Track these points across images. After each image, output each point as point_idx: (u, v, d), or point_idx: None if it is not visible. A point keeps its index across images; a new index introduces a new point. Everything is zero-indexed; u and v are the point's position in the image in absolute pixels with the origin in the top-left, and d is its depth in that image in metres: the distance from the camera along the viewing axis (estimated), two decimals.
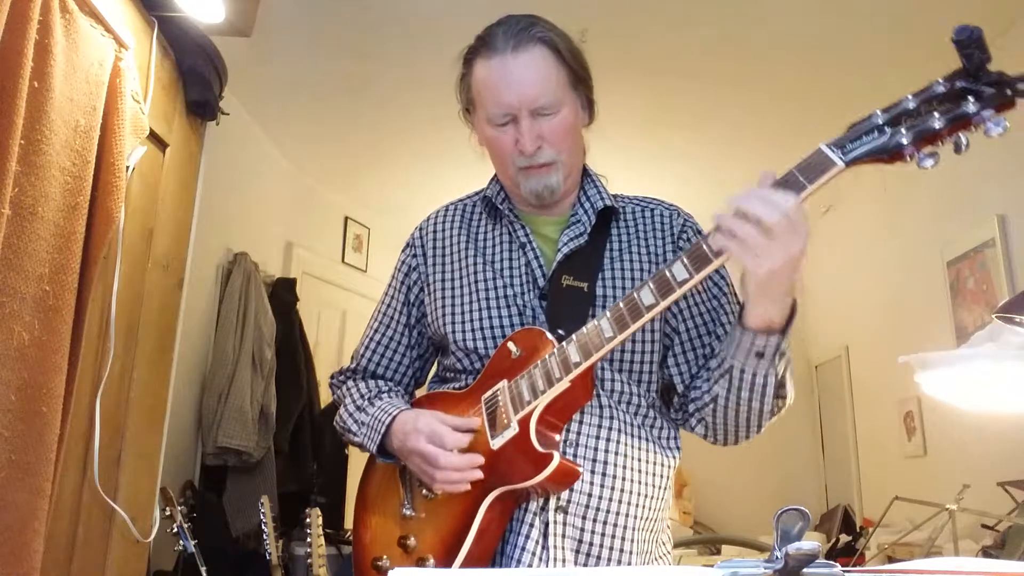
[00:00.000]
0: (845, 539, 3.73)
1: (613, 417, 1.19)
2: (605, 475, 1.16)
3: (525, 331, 1.19)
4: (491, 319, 1.25)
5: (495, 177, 1.36)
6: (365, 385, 1.37)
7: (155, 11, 1.89)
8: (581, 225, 1.28)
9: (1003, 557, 2.31)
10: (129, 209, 1.75)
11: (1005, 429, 2.51)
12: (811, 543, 0.54)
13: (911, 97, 0.93)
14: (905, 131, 0.92)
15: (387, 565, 1.21)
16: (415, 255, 1.39)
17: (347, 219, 4.62)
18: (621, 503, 1.17)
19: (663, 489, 1.23)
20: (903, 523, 2.93)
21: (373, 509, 1.30)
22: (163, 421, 2.00)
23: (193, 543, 2.21)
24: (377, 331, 1.41)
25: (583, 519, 1.15)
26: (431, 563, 1.15)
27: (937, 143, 0.92)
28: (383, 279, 1.45)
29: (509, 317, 1.24)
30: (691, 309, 1.26)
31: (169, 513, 2.19)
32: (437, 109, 1.62)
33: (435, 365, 1.44)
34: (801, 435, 4.79)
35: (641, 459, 1.21)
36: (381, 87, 3.37)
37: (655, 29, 2.94)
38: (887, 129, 0.94)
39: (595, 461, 1.17)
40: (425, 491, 1.21)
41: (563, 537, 1.14)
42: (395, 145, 3.89)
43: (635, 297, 1.06)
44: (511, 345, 1.19)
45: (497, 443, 1.13)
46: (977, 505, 2.39)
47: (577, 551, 1.15)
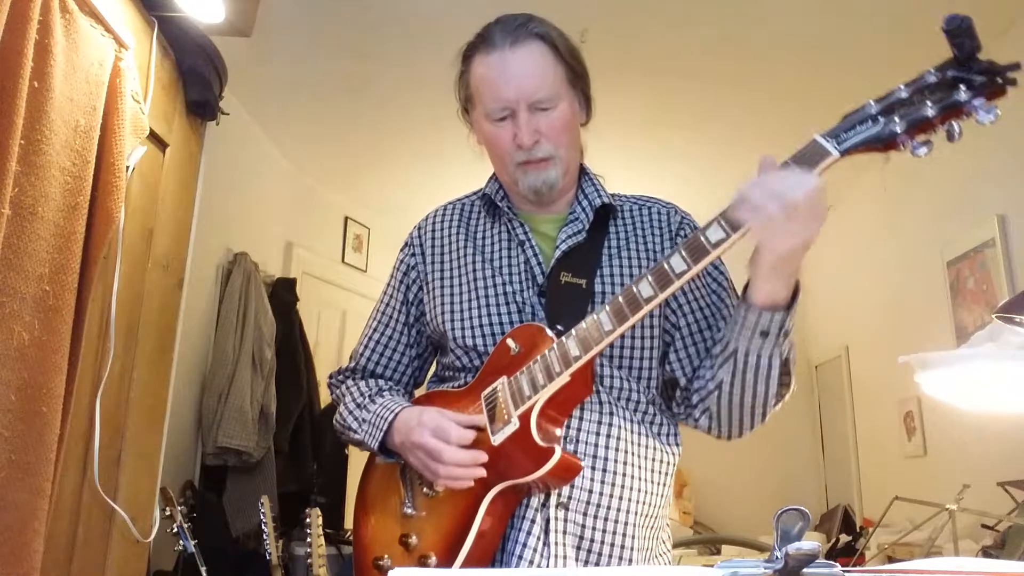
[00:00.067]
0: (845, 539, 3.73)
1: (613, 414, 1.20)
2: (606, 471, 1.17)
3: (524, 327, 1.19)
4: (490, 316, 1.25)
5: (494, 176, 1.36)
6: (365, 384, 1.37)
7: (155, 11, 1.89)
8: (579, 223, 1.29)
9: (1003, 557, 2.31)
10: (129, 209, 1.75)
11: (1005, 429, 2.51)
12: (811, 543, 0.54)
13: (903, 87, 0.95)
14: (899, 120, 0.94)
15: (388, 564, 1.21)
16: (413, 254, 1.39)
17: (347, 219, 4.62)
18: (622, 499, 1.17)
19: (664, 486, 1.24)
20: (903, 523, 2.93)
21: (373, 509, 1.30)
22: (163, 421, 2.00)
23: (193, 543, 2.21)
24: (376, 330, 1.41)
25: (584, 515, 1.15)
26: (433, 561, 1.15)
27: (930, 131, 0.93)
28: (383, 279, 1.45)
29: (508, 314, 1.24)
30: (691, 304, 1.26)
31: (169, 513, 2.19)
32: (437, 109, 1.62)
33: (434, 365, 1.44)
34: (801, 435, 4.79)
35: (641, 455, 1.21)
36: (381, 87, 3.37)
37: (655, 29, 2.94)
38: (881, 118, 0.95)
39: (595, 458, 1.17)
40: (426, 489, 1.21)
41: (564, 534, 1.14)
42: (395, 145, 3.89)
43: (634, 290, 1.06)
44: (510, 341, 1.19)
45: (498, 439, 1.13)
46: (977, 505, 2.39)
47: (578, 547, 1.15)
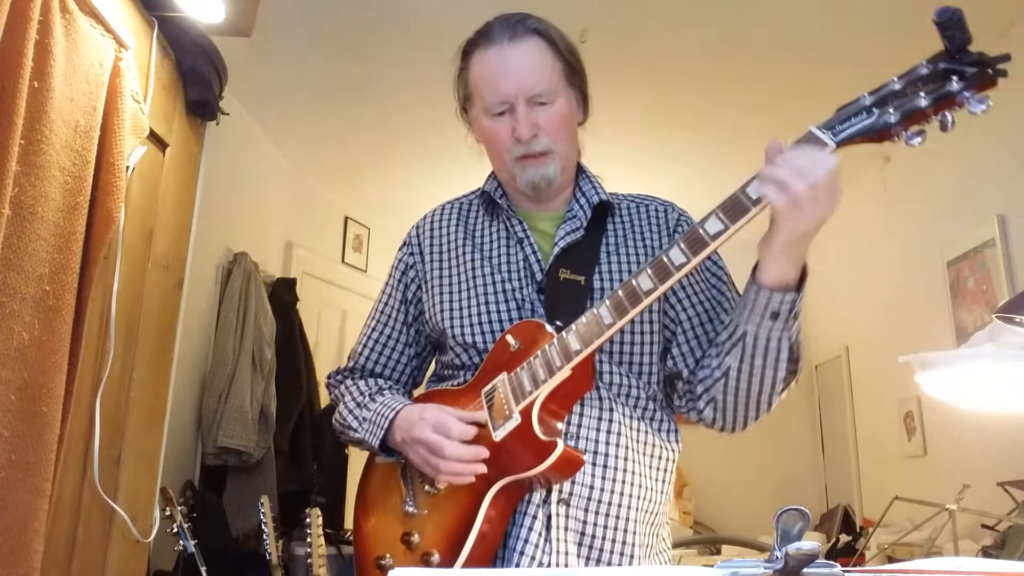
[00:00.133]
0: (845, 539, 3.73)
1: (613, 410, 1.20)
2: (607, 467, 1.17)
3: (523, 324, 1.20)
4: (489, 313, 1.26)
5: (492, 174, 1.37)
6: (364, 383, 1.37)
7: (155, 11, 1.89)
8: (577, 220, 1.29)
9: (1003, 557, 2.31)
10: (129, 209, 1.75)
11: (1005, 429, 2.51)
12: (811, 543, 0.54)
13: (897, 79, 0.96)
14: (893, 111, 0.95)
15: (390, 564, 1.21)
16: (412, 253, 1.39)
17: (347, 219, 4.62)
18: (623, 495, 1.17)
19: (664, 483, 1.24)
20: (903, 523, 2.93)
21: (374, 508, 1.30)
22: (163, 421, 2.00)
23: (193, 543, 2.21)
24: (375, 329, 1.41)
25: (585, 511, 1.16)
26: (435, 559, 1.15)
27: (924, 122, 0.95)
28: (383, 279, 1.44)
29: (508, 311, 1.25)
30: (691, 298, 1.26)
31: (169, 513, 2.19)
32: (437, 109, 1.62)
33: (433, 365, 1.43)
34: (801, 435, 4.79)
35: (642, 452, 1.21)
36: (381, 87, 3.37)
37: (655, 29, 2.94)
38: (875, 110, 0.97)
39: (596, 454, 1.17)
40: (428, 487, 1.21)
41: (566, 530, 1.14)
42: (395, 145, 3.89)
43: (633, 283, 1.06)
44: (510, 338, 1.19)
45: (499, 434, 1.13)
46: (977, 505, 2.39)
47: (580, 543, 1.15)
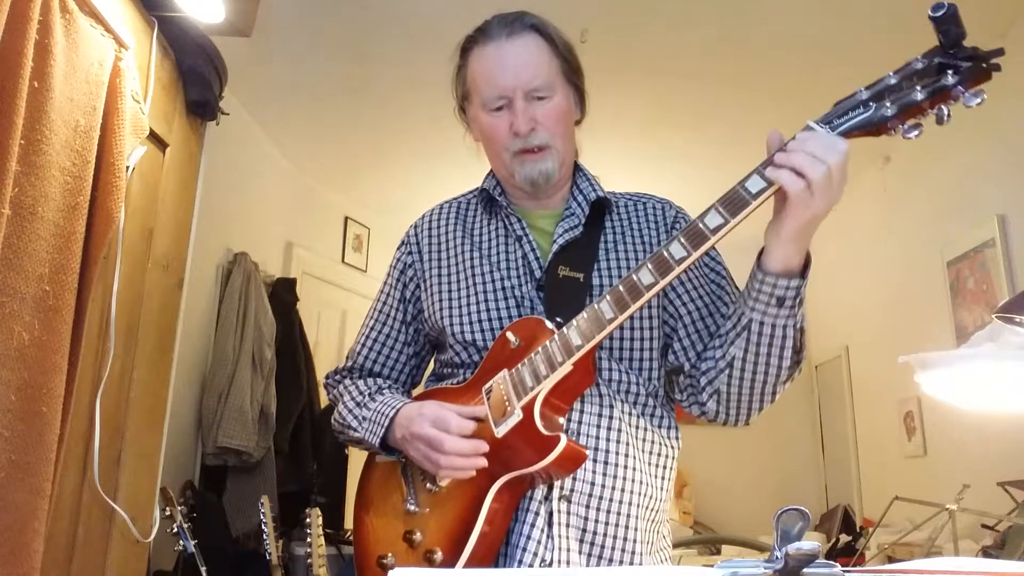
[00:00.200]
0: (845, 539, 3.73)
1: (613, 406, 1.20)
2: (607, 464, 1.17)
3: (523, 321, 1.20)
4: (489, 311, 1.26)
5: (491, 172, 1.37)
6: (363, 383, 1.37)
7: (155, 11, 1.89)
8: (575, 217, 1.30)
9: (1003, 557, 2.31)
10: (129, 209, 1.75)
11: (1005, 429, 2.52)
12: (811, 543, 0.53)
13: (892, 74, 0.98)
14: (889, 105, 0.97)
15: (391, 563, 1.21)
16: (410, 252, 1.40)
17: (347, 219, 4.62)
18: (624, 492, 1.17)
19: (665, 480, 1.24)
20: (903, 523, 2.93)
21: (374, 507, 1.30)
22: (163, 421, 2.00)
23: (193, 543, 2.21)
24: (373, 328, 1.41)
25: (587, 508, 1.16)
26: (438, 556, 1.15)
27: (920, 115, 0.96)
28: (383, 279, 1.44)
29: (507, 308, 1.25)
30: (691, 293, 1.26)
31: (169, 513, 2.19)
32: (437, 109, 1.62)
33: (431, 364, 1.43)
34: (801, 435, 4.79)
35: (642, 448, 1.21)
36: (381, 87, 3.37)
37: (655, 29, 2.94)
38: (872, 104, 0.98)
39: (597, 450, 1.17)
40: (429, 484, 1.21)
41: (567, 527, 1.15)
42: (395, 145, 3.89)
43: (634, 278, 1.07)
44: (510, 335, 1.19)
45: (501, 431, 1.13)
46: (977, 505, 2.39)
47: (581, 540, 1.15)
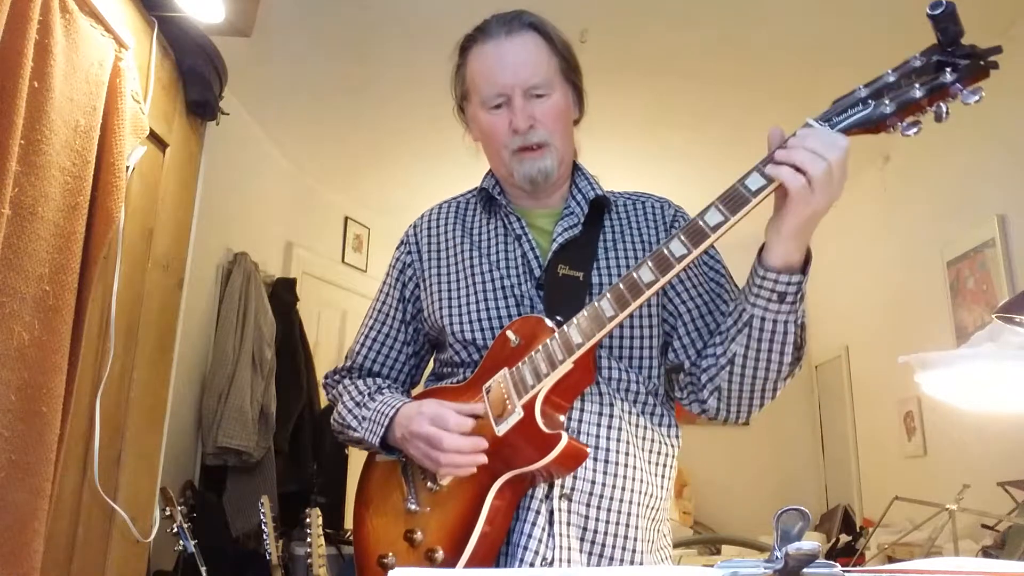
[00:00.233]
0: (845, 539, 3.73)
1: (613, 405, 1.20)
2: (608, 462, 1.17)
3: (524, 319, 1.20)
4: (488, 310, 1.26)
5: (490, 172, 1.38)
6: (363, 383, 1.37)
7: (155, 11, 1.89)
8: (575, 216, 1.30)
9: (1003, 557, 2.31)
10: (129, 209, 1.75)
11: (1005, 429, 2.51)
12: (811, 543, 0.53)
13: (891, 71, 0.98)
14: (888, 102, 0.97)
15: (392, 562, 1.21)
16: (409, 252, 1.40)
17: (347, 219, 4.62)
18: (624, 490, 1.17)
19: (665, 478, 1.24)
20: (903, 523, 2.93)
21: (375, 507, 1.30)
22: (163, 421, 2.00)
23: (193, 543, 2.21)
24: (373, 328, 1.41)
25: (587, 506, 1.16)
26: (440, 555, 1.15)
27: (919, 113, 0.97)
28: (382, 279, 1.44)
29: (507, 307, 1.25)
30: (690, 291, 1.27)
31: (169, 513, 2.19)
32: (437, 109, 1.62)
33: (431, 364, 1.43)
34: (801, 435, 4.79)
35: (642, 447, 1.21)
36: (381, 87, 3.37)
37: (655, 29, 2.94)
38: (871, 101, 0.99)
39: (597, 448, 1.17)
40: (430, 483, 1.21)
41: (568, 525, 1.15)
42: (395, 145, 3.89)
43: (634, 276, 1.07)
44: (510, 334, 1.19)
45: (502, 429, 1.13)
46: (977, 505, 2.39)
47: (582, 539, 1.15)
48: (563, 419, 1.15)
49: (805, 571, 0.54)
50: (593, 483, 1.16)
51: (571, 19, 1.36)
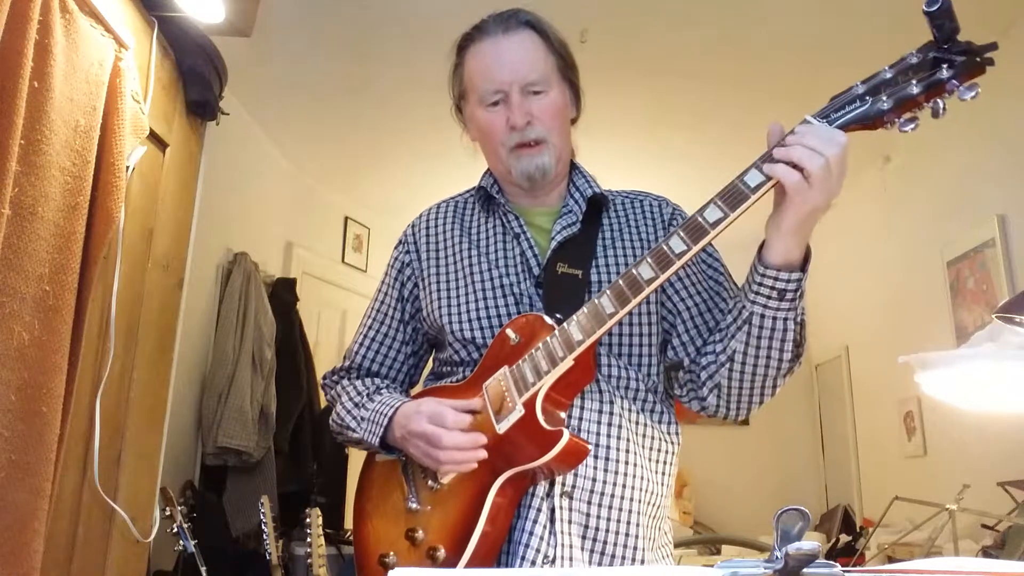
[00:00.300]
0: (845, 539, 3.73)
1: (613, 402, 1.20)
2: (608, 460, 1.17)
3: (523, 317, 1.20)
4: (487, 308, 1.26)
5: (488, 171, 1.38)
6: (361, 383, 1.37)
7: (155, 11, 1.89)
8: (573, 214, 1.30)
9: (1003, 557, 2.31)
10: (129, 209, 1.75)
11: (1005, 429, 2.51)
12: (811, 543, 0.53)
13: (888, 68, 0.99)
14: (886, 98, 0.97)
15: (393, 561, 1.21)
16: (408, 251, 1.40)
17: (347, 219, 4.62)
18: (625, 487, 1.17)
19: (666, 475, 1.24)
20: (903, 523, 2.93)
21: (375, 507, 1.30)
22: (163, 421, 2.00)
23: (193, 543, 2.21)
24: (371, 328, 1.41)
25: (588, 504, 1.16)
26: (441, 553, 1.15)
27: (915, 109, 0.97)
28: (381, 278, 1.44)
29: (506, 306, 1.25)
30: (689, 289, 1.27)
31: (169, 513, 2.19)
32: (437, 109, 1.62)
33: (430, 363, 1.43)
34: (801, 435, 4.79)
35: (642, 444, 1.21)
36: (381, 87, 3.37)
37: (655, 29, 2.94)
38: (868, 98, 0.99)
39: (597, 446, 1.17)
40: (431, 482, 1.21)
41: (569, 523, 1.15)
42: (395, 145, 3.89)
43: (634, 272, 1.07)
44: (509, 332, 1.19)
45: (503, 427, 1.13)
46: (977, 505, 2.39)
47: (584, 536, 1.15)
48: (564, 416, 1.16)
49: (805, 571, 0.54)
50: (594, 480, 1.16)
51: (571, 19, 1.36)
